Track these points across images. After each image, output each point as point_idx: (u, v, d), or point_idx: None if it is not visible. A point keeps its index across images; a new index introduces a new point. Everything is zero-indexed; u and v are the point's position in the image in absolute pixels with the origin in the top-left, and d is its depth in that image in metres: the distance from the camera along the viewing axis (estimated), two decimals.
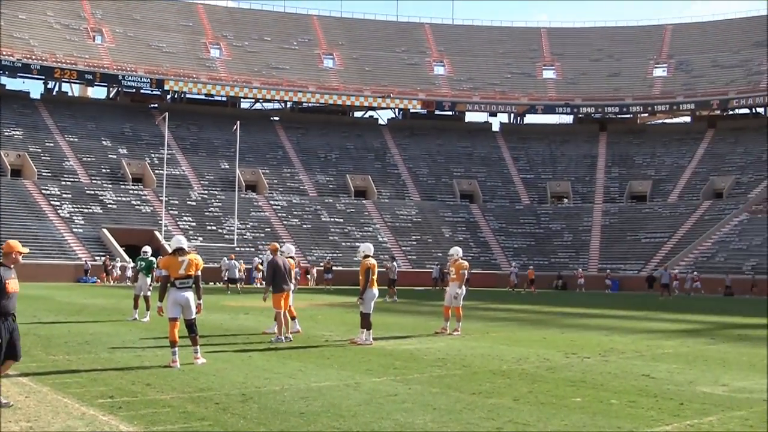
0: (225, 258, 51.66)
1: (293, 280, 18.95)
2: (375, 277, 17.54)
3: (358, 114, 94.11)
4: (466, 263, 20.82)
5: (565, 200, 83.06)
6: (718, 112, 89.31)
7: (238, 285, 45.93)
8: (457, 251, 20.95)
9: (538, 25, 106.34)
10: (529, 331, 21.95)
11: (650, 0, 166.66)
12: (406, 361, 14.51)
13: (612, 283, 64.82)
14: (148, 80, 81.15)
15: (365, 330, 17.25)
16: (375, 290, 17.60)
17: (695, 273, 60.94)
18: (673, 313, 32.14)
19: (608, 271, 66.99)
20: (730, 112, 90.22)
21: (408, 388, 11.30)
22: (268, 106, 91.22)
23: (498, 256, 72.88)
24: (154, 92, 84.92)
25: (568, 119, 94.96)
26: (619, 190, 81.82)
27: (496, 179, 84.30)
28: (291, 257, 19.39)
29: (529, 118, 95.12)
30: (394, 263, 42.97)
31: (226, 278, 46.97)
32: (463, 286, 20.60)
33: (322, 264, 57.77)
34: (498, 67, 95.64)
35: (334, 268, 55.90)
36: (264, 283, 20.75)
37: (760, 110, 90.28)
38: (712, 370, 13.89)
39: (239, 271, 50.96)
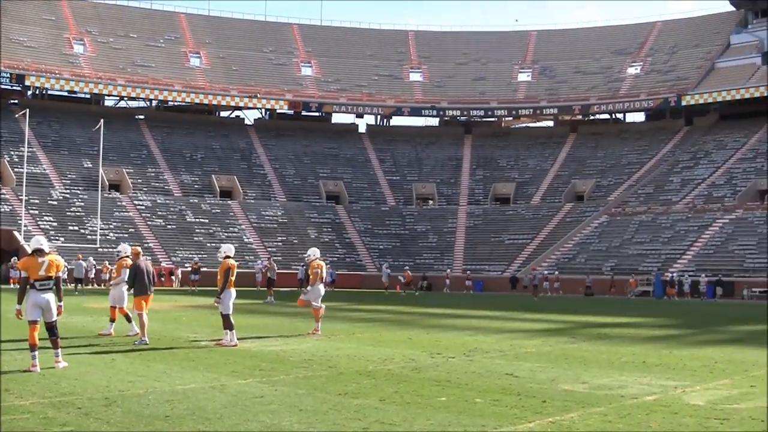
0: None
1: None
2: (234, 278, 17.55)
3: (224, 114, 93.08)
4: (319, 263, 20.85)
5: (431, 202, 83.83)
6: (579, 117, 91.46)
7: (81, 285, 45.99)
8: (314, 252, 21.08)
9: (405, 28, 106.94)
10: (395, 332, 22.09)
11: (517, 1, 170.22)
12: (272, 362, 14.44)
13: (475, 283, 65.72)
14: (8, 75, 78.61)
15: (229, 331, 17.16)
16: (233, 291, 17.59)
17: (556, 273, 62.32)
18: (535, 313, 32.76)
19: (468, 272, 67.87)
20: (591, 117, 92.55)
21: (274, 389, 11.25)
22: (133, 104, 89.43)
23: (364, 257, 73.14)
24: (14, 88, 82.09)
25: (434, 122, 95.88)
26: (484, 192, 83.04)
27: (362, 180, 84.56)
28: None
29: (396, 120, 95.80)
30: (274, 264, 42.89)
31: (66, 277, 46.74)
32: (319, 286, 20.63)
33: (188, 265, 57.01)
34: (365, 68, 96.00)
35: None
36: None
37: (620, 116, 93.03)
38: (573, 368, 14.20)
39: (103, 271, 50.15)
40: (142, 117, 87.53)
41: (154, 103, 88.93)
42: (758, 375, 13.59)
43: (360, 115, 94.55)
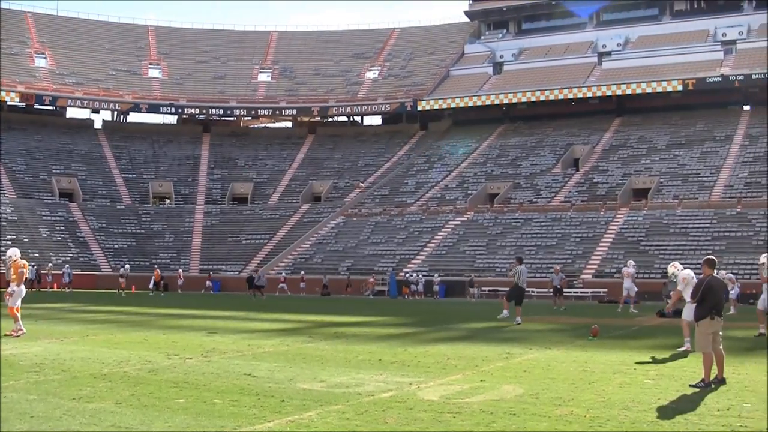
0: None
1: None
2: None
3: None
4: (22, 263, 20.35)
5: (167, 201, 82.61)
6: (318, 118, 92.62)
7: None
8: (14, 252, 20.57)
9: (145, 22, 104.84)
10: (130, 333, 21.67)
11: (257, 1, 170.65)
12: None
13: (213, 283, 65.27)
14: None
15: None
16: None
17: (302, 273, 62.56)
18: (272, 313, 32.87)
19: (210, 273, 67.26)
20: (330, 119, 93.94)
21: (3, 396, 10.76)
22: None
23: (98, 256, 71.03)
24: None
25: (173, 119, 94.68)
26: (221, 192, 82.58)
27: (97, 178, 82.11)
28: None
29: (133, 117, 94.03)
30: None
31: None
32: (22, 286, 20.21)
33: None
34: (103, 63, 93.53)
35: None
36: None
37: (357, 119, 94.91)
38: (310, 367, 14.35)
39: None
40: None
41: None
42: (487, 369, 14.21)
43: (96, 111, 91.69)
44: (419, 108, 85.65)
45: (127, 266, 58.98)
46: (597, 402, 10.83)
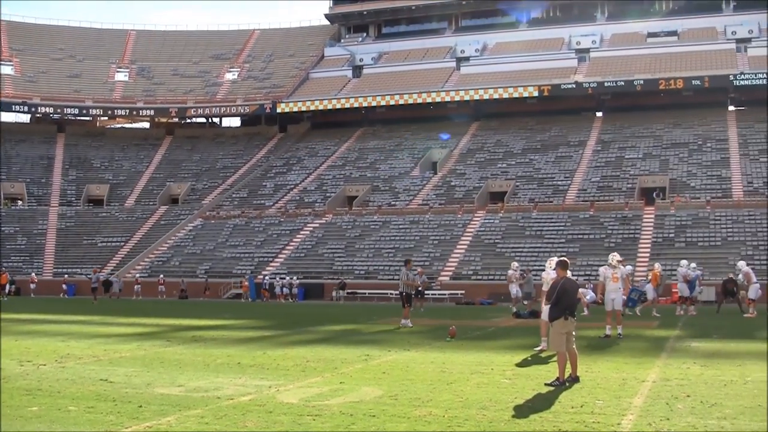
0: None
1: None
2: None
3: None
4: None
5: (20, 202, 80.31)
6: (176, 119, 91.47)
7: None
8: None
9: None
10: None
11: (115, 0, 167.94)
12: None
13: (68, 287, 63.79)
14: None
15: None
16: None
17: (161, 276, 61.72)
18: (129, 317, 32.37)
19: (66, 276, 65.67)
20: (188, 121, 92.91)
21: None
22: None
23: None
24: None
25: (25, 118, 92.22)
26: (76, 193, 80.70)
27: None
28: None
29: None
30: None
31: None
32: None
33: None
34: None
35: None
36: None
37: (216, 120, 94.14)
38: (168, 371, 14.21)
39: None
40: None
41: None
42: (347, 372, 14.30)
43: None
44: (278, 110, 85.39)
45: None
46: (455, 402, 11.00)
